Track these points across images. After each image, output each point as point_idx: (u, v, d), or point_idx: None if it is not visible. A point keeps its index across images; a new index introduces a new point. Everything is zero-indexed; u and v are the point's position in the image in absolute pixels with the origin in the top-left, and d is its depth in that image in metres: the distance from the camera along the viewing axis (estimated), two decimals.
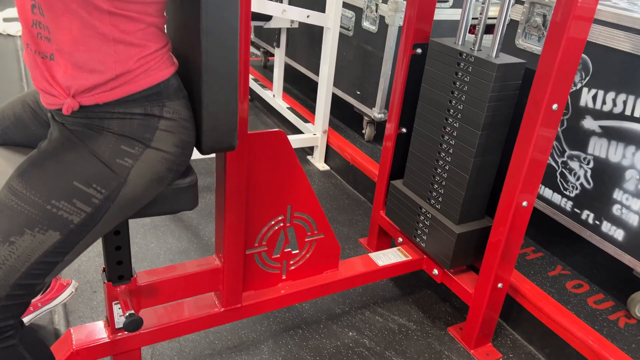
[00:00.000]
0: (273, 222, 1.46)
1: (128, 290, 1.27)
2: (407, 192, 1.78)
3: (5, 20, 4.47)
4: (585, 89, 1.70)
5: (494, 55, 1.46)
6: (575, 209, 1.79)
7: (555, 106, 1.31)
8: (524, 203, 1.43)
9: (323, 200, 2.46)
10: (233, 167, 1.26)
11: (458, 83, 1.52)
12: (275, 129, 1.32)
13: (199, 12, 0.93)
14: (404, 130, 1.82)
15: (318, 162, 2.80)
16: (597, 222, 1.72)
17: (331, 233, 1.58)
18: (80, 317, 1.63)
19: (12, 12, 4.66)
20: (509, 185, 1.43)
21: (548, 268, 1.89)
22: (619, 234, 1.66)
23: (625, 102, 1.59)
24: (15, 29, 4.25)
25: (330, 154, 2.78)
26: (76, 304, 1.67)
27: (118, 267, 1.23)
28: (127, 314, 1.20)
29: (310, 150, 2.88)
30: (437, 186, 1.66)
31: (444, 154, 1.61)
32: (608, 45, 1.61)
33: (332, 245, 1.60)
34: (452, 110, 1.55)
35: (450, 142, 1.57)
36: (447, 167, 1.61)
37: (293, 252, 1.54)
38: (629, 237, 1.63)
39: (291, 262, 1.56)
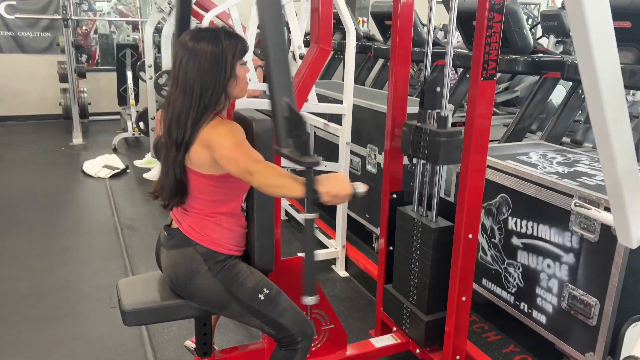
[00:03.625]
0: None
1: None
2: (395, 294, 2.53)
3: (106, 166, 5.42)
4: (510, 218, 2.48)
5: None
6: (516, 302, 2.49)
7: (470, 235, 2.09)
8: (463, 298, 2.17)
9: (343, 301, 3.21)
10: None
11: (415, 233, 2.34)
12: (299, 255, 2.14)
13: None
14: (391, 248, 2.61)
15: (340, 270, 3.59)
16: (529, 311, 2.41)
17: (339, 324, 2.33)
18: None
19: (112, 160, 5.63)
20: (451, 287, 2.18)
21: (503, 346, 2.56)
22: (542, 319, 2.34)
23: (532, 227, 2.36)
24: (104, 173, 5.37)
25: (349, 264, 3.57)
26: None
27: (204, 346, 2.03)
28: None
29: (334, 260, 3.68)
30: (412, 288, 2.41)
31: (414, 267, 2.38)
32: (519, 190, 2.42)
33: (340, 332, 2.35)
34: (414, 241, 2.35)
35: (416, 258, 2.35)
36: (417, 275, 2.37)
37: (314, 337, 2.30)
38: (549, 321, 2.31)
39: (312, 344, 2.30)
